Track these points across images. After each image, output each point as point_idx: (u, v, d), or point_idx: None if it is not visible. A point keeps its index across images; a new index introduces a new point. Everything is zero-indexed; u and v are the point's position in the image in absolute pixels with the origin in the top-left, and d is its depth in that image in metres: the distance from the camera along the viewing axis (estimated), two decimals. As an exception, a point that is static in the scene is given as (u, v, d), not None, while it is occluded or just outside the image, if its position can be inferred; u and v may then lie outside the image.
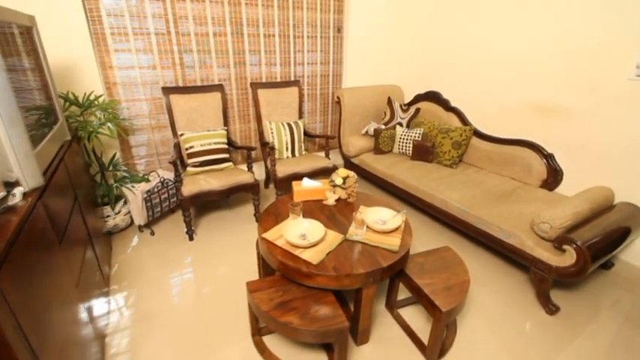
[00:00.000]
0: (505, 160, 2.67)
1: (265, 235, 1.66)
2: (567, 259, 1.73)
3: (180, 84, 2.72)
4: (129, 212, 2.52)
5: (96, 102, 2.27)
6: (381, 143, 3.18)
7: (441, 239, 2.54)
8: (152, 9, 2.45)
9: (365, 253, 1.56)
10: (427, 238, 2.56)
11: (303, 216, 1.83)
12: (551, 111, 2.43)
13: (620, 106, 2.09)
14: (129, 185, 2.37)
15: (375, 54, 3.53)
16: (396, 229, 1.72)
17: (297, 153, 3.05)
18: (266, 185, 3.33)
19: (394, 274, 1.65)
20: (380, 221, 1.77)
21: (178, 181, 2.39)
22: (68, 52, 2.26)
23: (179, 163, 2.70)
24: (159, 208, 2.58)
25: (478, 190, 2.43)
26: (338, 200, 2.04)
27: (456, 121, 3.07)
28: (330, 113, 3.59)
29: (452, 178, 2.64)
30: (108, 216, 2.41)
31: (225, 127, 2.80)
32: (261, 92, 2.99)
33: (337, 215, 1.89)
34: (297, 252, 1.54)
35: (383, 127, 3.26)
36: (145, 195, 2.41)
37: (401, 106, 3.33)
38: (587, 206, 1.91)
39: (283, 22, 2.97)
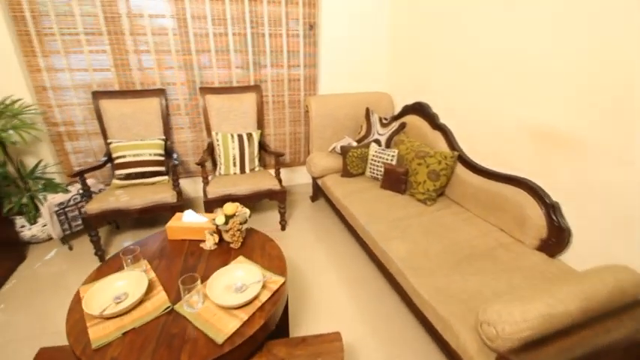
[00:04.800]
0: (494, 203, 1.92)
1: (82, 289, 1.29)
2: (512, 395, 1.05)
3: (117, 88, 2.50)
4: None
5: (10, 107, 2.14)
6: (349, 164, 2.60)
7: (379, 303, 1.91)
8: (80, 8, 2.25)
9: (176, 341, 1.09)
10: (362, 298, 1.96)
11: (157, 263, 1.43)
12: (560, 141, 1.64)
13: (665, 141, 1.27)
14: (40, 196, 2.20)
15: (359, 55, 2.93)
16: (252, 300, 1.22)
17: (247, 169, 2.63)
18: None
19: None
20: (236, 287, 1.28)
21: (86, 195, 2.15)
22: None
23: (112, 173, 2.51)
24: (79, 221, 2.38)
25: (440, 244, 1.75)
26: (220, 243, 1.59)
27: (442, 143, 2.35)
28: (302, 124, 3.09)
29: (415, 220, 1.98)
30: (23, 226, 2.27)
31: (164, 137, 2.51)
32: (210, 98, 2.64)
33: (201, 267, 1.44)
34: (90, 323, 1.14)
35: (354, 144, 2.67)
36: (56, 207, 2.23)
37: (381, 119, 2.70)
38: (574, 305, 1.16)
39: (238, 17, 2.57)
